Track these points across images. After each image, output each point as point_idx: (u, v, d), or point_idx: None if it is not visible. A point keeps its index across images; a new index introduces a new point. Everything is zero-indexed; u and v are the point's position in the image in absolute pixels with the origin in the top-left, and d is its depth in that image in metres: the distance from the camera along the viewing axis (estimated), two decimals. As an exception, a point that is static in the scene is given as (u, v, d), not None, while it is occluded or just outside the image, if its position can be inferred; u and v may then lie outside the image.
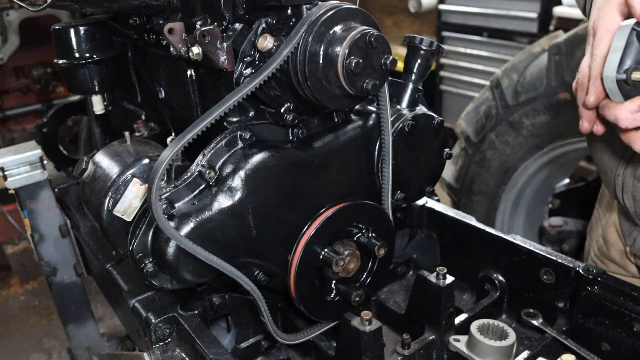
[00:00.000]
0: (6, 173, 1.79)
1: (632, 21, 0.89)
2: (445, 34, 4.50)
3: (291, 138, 1.10)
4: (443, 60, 4.56)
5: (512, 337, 1.06)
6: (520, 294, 1.25)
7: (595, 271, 1.12)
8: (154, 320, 1.12)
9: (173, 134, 1.33)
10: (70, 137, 3.35)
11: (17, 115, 4.26)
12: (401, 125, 1.22)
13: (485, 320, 1.10)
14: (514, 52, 3.64)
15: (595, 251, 1.54)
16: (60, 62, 1.41)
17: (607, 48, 0.98)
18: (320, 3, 0.99)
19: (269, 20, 1.01)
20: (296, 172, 1.09)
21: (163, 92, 1.32)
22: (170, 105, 1.31)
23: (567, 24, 3.46)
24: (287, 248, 1.11)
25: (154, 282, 1.06)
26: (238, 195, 1.02)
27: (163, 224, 0.92)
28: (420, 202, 1.41)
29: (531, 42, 3.73)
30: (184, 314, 1.15)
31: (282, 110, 1.05)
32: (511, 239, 1.25)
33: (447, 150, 1.33)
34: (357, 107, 1.21)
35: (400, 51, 4.14)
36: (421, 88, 1.28)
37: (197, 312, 1.16)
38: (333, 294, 1.19)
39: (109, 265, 1.41)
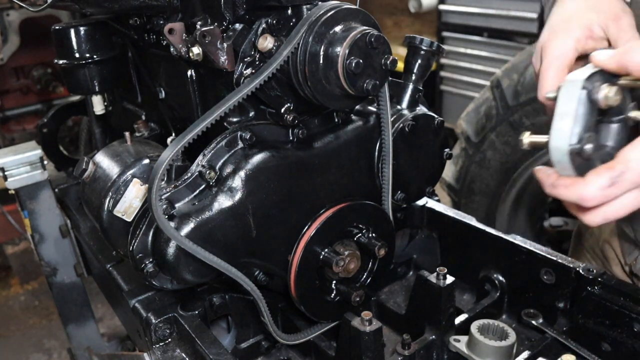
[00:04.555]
0: (6, 173, 1.79)
1: (581, 76, 0.73)
2: (445, 34, 4.50)
3: (291, 138, 1.10)
4: (443, 60, 4.56)
5: (512, 337, 1.06)
6: (520, 294, 1.25)
7: (595, 271, 1.12)
8: (154, 320, 1.12)
9: (173, 134, 1.33)
10: (70, 137, 3.36)
11: (17, 115, 4.27)
12: (401, 125, 1.22)
13: (485, 320, 1.10)
14: (514, 52, 3.64)
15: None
16: (60, 62, 1.41)
17: (553, 80, 0.85)
18: (320, 3, 0.99)
19: (269, 20, 1.01)
20: (296, 172, 1.09)
21: (163, 92, 1.32)
22: (170, 105, 1.32)
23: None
24: (287, 248, 1.11)
25: (154, 282, 1.06)
26: (238, 195, 1.02)
27: (163, 224, 0.92)
28: (420, 202, 1.41)
29: (531, 42, 3.73)
30: (184, 314, 1.15)
31: (282, 110, 1.05)
32: (511, 239, 1.25)
33: (447, 150, 1.33)
34: (357, 107, 1.21)
35: (400, 51, 4.13)
36: (421, 88, 1.28)
37: (197, 312, 1.16)
38: (333, 294, 1.19)
39: (109, 265, 1.41)
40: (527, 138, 0.79)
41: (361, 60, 0.94)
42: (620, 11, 0.91)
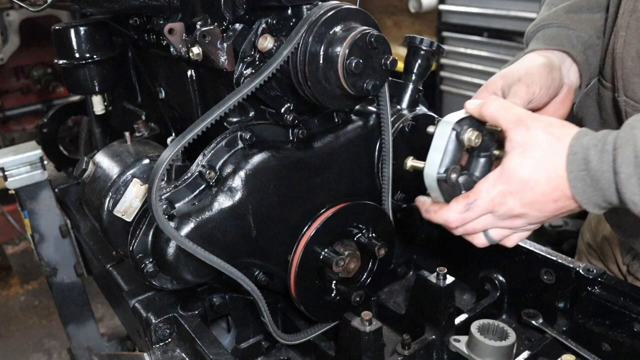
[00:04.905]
0: (6, 173, 1.79)
1: (454, 118, 0.88)
2: (445, 34, 4.49)
3: (291, 138, 1.10)
4: (443, 60, 4.55)
5: (512, 337, 1.06)
6: (520, 294, 1.25)
7: (595, 271, 1.12)
8: (154, 320, 1.12)
9: (173, 134, 1.33)
10: (70, 137, 3.35)
11: (17, 115, 4.27)
12: (401, 125, 1.22)
13: (485, 320, 1.10)
14: (514, 52, 3.63)
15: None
16: (60, 62, 1.41)
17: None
18: (320, 3, 0.99)
19: (269, 20, 1.01)
20: (296, 172, 1.09)
21: (163, 92, 1.32)
22: (170, 105, 1.31)
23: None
24: (287, 248, 1.11)
25: (154, 282, 1.06)
26: (238, 195, 1.02)
27: (163, 224, 0.92)
28: (420, 202, 1.41)
29: (531, 42, 3.72)
30: (184, 314, 1.15)
31: (282, 110, 1.05)
32: (511, 239, 1.24)
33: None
34: (357, 107, 1.21)
35: (400, 51, 4.13)
36: (421, 88, 1.28)
37: (197, 312, 1.16)
38: (333, 294, 1.19)
39: (109, 265, 1.41)
40: (410, 162, 0.95)
41: (361, 60, 0.94)
42: (529, 78, 1.04)
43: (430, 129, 0.91)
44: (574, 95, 1.17)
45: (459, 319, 1.19)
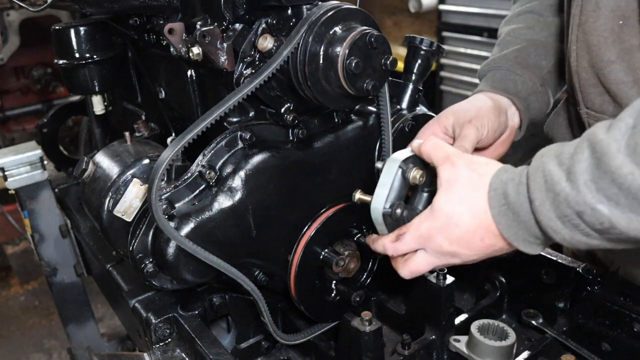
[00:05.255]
0: (6, 173, 1.79)
1: (401, 156, 0.93)
2: (445, 34, 4.49)
3: (291, 138, 1.10)
4: (443, 60, 4.55)
5: (512, 337, 1.06)
6: (520, 294, 1.25)
7: (595, 271, 1.12)
8: (154, 320, 1.12)
9: (173, 134, 1.33)
10: (70, 137, 3.35)
11: (17, 115, 4.26)
12: (401, 125, 1.22)
13: (485, 320, 1.10)
14: (514, 52, 3.62)
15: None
16: (60, 62, 1.41)
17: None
18: (320, 3, 0.99)
19: (269, 20, 1.01)
20: (296, 172, 1.09)
21: (163, 92, 1.32)
22: (170, 105, 1.31)
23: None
24: (287, 248, 1.11)
25: (153, 282, 1.06)
26: (238, 195, 1.02)
27: (163, 224, 0.92)
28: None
29: (531, 42, 3.71)
30: (184, 314, 1.15)
31: (282, 110, 1.05)
32: (511, 239, 1.24)
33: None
34: (357, 107, 1.21)
35: (400, 51, 4.13)
36: (421, 88, 1.28)
37: (197, 312, 1.16)
38: (333, 294, 1.19)
39: (109, 265, 1.41)
40: (357, 195, 1.01)
41: (361, 60, 0.94)
42: (480, 121, 1.11)
43: (379, 164, 0.97)
44: (515, 135, 1.25)
45: (459, 319, 1.19)
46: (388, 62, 0.98)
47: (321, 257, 1.12)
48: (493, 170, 0.85)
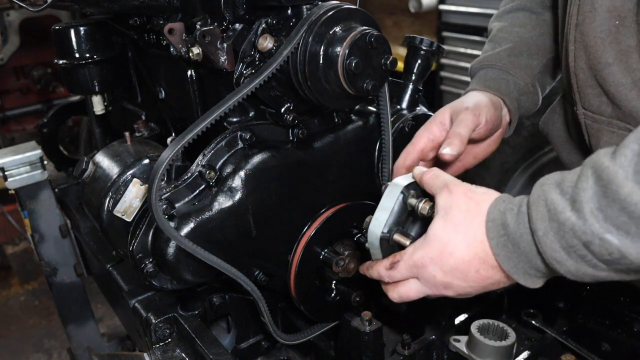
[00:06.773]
0: (6, 173, 1.78)
1: (403, 182, 0.92)
2: (445, 34, 4.49)
3: (291, 138, 1.10)
4: (443, 60, 4.55)
5: (512, 337, 1.06)
6: (520, 294, 1.25)
7: (595, 271, 1.12)
8: (154, 320, 1.12)
9: (173, 134, 1.33)
10: (70, 137, 3.35)
11: (17, 115, 4.26)
12: (401, 125, 1.22)
13: (485, 320, 1.10)
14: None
15: None
16: (60, 62, 1.41)
17: (402, 159, 1.11)
18: (320, 3, 0.99)
19: (269, 20, 1.01)
20: (296, 172, 1.09)
21: (163, 92, 1.32)
22: (170, 105, 1.31)
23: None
24: (287, 248, 1.11)
25: (153, 282, 1.06)
26: (238, 195, 1.02)
27: (163, 224, 0.92)
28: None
29: (531, 42, 3.71)
30: (184, 314, 1.15)
31: (282, 110, 1.05)
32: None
33: (447, 150, 1.33)
34: (357, 107, 1.21)
35: (400, 51, 4.13)
36: (421, 88, 1.28)
37: (197, 312, 1.16)
38: (333, 294, 1.19)
39: (109, 265, 1.41)
40: (367, 219, 0.98)
41: (361, 60, 0.94)
42: (478, 109, 1.12)
43: (383, 187, 0.96)
44: (505, 134, 1.26)
45: (459, 319, 1.19)
46: (388, 62, 0.98)
47: (321, 257, 1.12)
48: (491, 199, 0.82)
